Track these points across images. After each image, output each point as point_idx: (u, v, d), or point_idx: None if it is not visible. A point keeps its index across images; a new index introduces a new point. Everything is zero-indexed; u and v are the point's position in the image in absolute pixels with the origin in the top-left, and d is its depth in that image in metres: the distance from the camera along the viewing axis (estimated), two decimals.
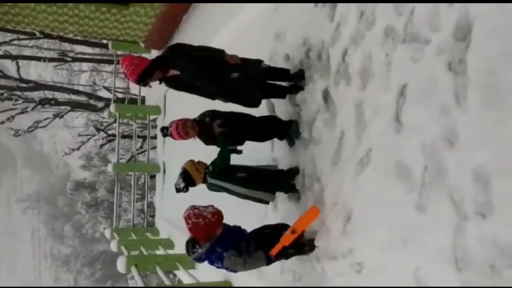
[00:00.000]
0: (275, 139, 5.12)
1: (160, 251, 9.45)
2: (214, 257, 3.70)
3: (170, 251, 9.38)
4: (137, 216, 18.25)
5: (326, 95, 4.34)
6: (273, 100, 5.32)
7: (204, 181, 4.42)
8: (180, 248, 9.25)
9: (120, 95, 18.30)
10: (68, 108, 18.43)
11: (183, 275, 7.89)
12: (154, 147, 13.65)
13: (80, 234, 40.46)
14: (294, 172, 4.83)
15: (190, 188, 4.43)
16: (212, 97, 4.57)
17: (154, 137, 13.43)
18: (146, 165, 11.88)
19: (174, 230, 9.83)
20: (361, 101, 3.80)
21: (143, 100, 12.63)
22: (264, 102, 5.18)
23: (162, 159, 11.42)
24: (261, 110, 5.09)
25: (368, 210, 3.63)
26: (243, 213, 4.82)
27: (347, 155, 3.95)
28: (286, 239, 3.85)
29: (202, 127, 4.49)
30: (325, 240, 4.13)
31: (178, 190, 4.46)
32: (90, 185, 28.43)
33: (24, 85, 18.42)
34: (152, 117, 12.09)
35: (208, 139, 4.54)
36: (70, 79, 33.35)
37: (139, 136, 15.39)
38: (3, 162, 65.02)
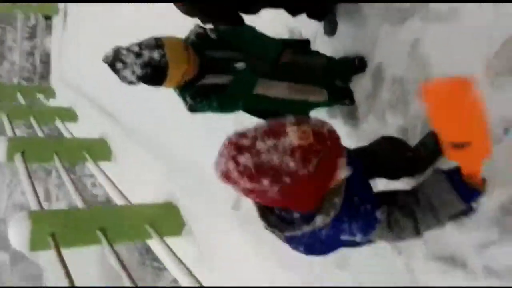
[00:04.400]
0: None
1: (58, 122, 6.66)
2: (349, 223, 1.17)
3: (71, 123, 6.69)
4: (24, 59, 14.24)
5: None
6: None
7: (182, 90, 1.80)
8: (83, 123, 6.57)
9: None
10: None
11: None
12: None
13: None
14: (354, 65, 2.38)
15: None
16: None
17: None
18: (40, 5, 8.21)
19: (77, 98, 6.99)
20: None
21: None
22: None
23: None
24: None
25: None
26: None
27: None
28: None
29: None
30: None
31: (114, 69, 1.73)
32: None
33: None
34: None
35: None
36: None
37: None
38: None
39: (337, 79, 2.39)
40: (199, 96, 1.73)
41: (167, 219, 3.77)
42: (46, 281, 14.27)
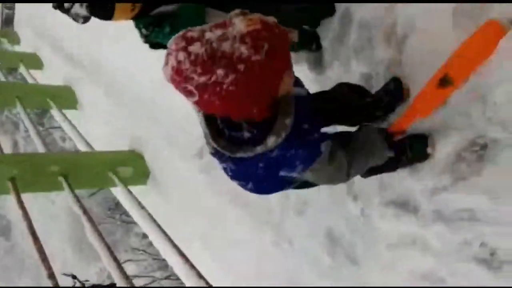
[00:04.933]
0: None
1: (22, 68, 6.42)
2: (295, 151, 1.15)
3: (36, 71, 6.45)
4: None
5: None
6: None
7: (137, 17, 1.73)
8: (49, 70, 6.34)
9: None
10: None
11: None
12: None
13: None
14: (321, 9, 2.32)
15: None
16: None
17: None
18: None
19: (42, 45, 6.72)
20: None
21: None
22: None
23: None
24: None
25: None
26: None
27: None
28: (431, 95, 1.57)
29: None
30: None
31: (64, 10, 1.69)
32: None
33: None
34: None
35: None
36: None
37: None
38: None
39: (305, 23, 2.34)
40: (152, 25, 1.68)
41: (131, 166, 3.72)
42: (14, 233, 14.24)
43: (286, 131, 1.09)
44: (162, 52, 1.88)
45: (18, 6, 8.81)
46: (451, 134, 1.78)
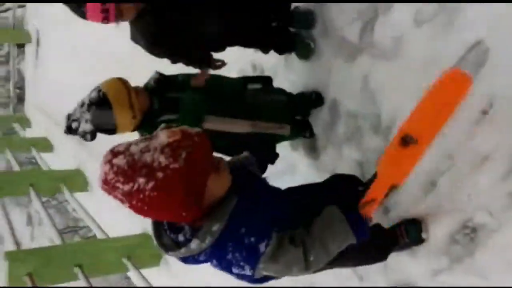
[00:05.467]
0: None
1: (34, 152, 6.67)
2: (232, 254, 1.18)
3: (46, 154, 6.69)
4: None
5: None
6: None
7: (139, 128, 1.89)
8: (60, 152, 6.58)
9: None
10: None
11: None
12: (23, 5, 9.69)
13: None
14: (311, 100, 2.50)
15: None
16: None
17: None
18: (11, 31, 8.26)
19: (52, 127, 7.00)
20: None
21: None
22: None
23: (35, 25, 7.99)
24: None
25: None
26: None
27: None
28: (397, 157, 1.32)
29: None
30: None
31: (73, 131, 1.83)
32: None
33: None
34: None
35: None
36: None
37: None
38: None
39: (297, 114, 2.51)
40: None
41: (144, 250, 3.82)
42: None
43: (212, 237, 1.13)
44: None
45: (28, 88, 9.23)
46: (442, 218, 1.88)
